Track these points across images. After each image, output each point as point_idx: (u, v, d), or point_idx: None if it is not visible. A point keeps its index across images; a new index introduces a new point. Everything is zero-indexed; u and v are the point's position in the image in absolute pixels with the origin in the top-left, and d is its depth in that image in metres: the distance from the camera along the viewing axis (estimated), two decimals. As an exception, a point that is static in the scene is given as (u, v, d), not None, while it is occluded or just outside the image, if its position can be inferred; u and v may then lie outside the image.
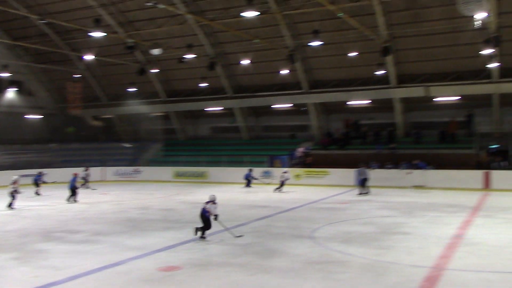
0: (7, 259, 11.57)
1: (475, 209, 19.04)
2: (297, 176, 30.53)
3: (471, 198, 22.54)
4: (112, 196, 25.61)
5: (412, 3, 27.45)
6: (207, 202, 13.65)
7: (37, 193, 25.20)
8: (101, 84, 41.08)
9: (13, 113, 38.92)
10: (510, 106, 30.20)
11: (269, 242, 13.20)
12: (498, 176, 26.52)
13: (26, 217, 17.95)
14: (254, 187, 28.82)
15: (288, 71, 32.73)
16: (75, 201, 22.34)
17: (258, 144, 37.25)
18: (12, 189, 19.94)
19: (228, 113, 38.40)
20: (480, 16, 21.39)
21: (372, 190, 25.09)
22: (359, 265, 10.68)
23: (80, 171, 27.20)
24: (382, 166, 29.05)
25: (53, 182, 26.36)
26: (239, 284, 9.46)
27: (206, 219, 13.47)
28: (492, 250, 11.91)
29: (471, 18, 22.94)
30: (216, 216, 13.51)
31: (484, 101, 30.30)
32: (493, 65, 27.25)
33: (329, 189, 27.52)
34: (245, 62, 32.29)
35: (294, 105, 35.59)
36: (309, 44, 27.90)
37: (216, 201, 13.75)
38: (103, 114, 42.63)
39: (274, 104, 35.93)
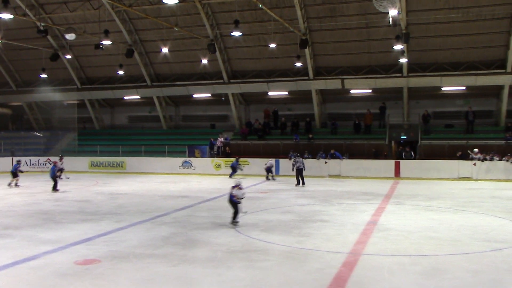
0: None
1: (387, 197, 20.03)
2: (217, 166, 30.58)
3: (384, 187, 23.69)
4: (23, 187, 24.30)
5: (330, -3, 28.25)
6: (233, 187, 14.01)
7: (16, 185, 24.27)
8: (10, 69, 38.69)
9: None
10: (418, 99, 32.05)
11: (191, 232, 13.14)
12: (407, 165, 28.08)
13: None
14: (174, 178, 28.49)
15: (208, 60, 32.59)
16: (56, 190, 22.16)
17: (178, 134, 36.85)
18: None
19: (146, 102, 37.63)
20: (392, 13, 22.40)
21: (290, 179, 25.64)
22: (280, 252, 10.90)
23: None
24: (301, 155, 29.76)
25: None
26: (161, 276, 9.34)
27: (234, 203, 13.85)
28: (403, 235, 12.60)
29: (384, 14, 24.04)
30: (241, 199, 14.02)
31: (395, 94, 31.93)
32: (403, 60, 28.70)
33: (249, 178, 27.82)
34: (165, 50, 31.74)
35: (214, 95, 35.53)
36: (229, 34, 27.91)
37: (242, 186, 14.20)
38: (12, 101, 40.20)
39: (194, 93, 35.66)
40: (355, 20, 28.67)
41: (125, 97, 37.73)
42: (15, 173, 24.25)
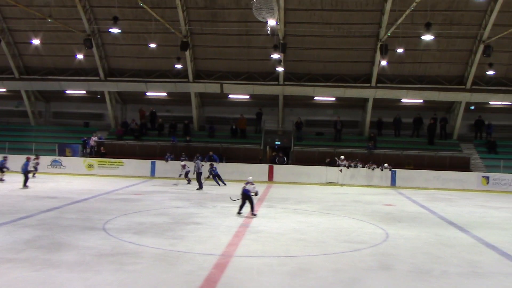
0: None
1: (260, 200, 20.68)
2: (90, 166, 29.39)
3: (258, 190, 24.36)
4: None
5: (212, 2, 28.54)
6: (247, 183, 16.35)
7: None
8: None
9: None
10: (292, 107, 33.57)
11: (58, 235, 12.51)
12: (279, 170, 29.25)
13: None
14: (43, 177, 26.84)
15: (84, 56, 31.24)
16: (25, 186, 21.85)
17: (48, 131, 34.77)
18: None
19: (13, 96, 35.05)
20: (271, 23, 23.23)
21: (166, 181, 25.43)
22: (152, 255, 10.80)
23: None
24: (177, 158, 29.67)
25: None
26: (23, 281, 8.80)
27: (248, 197, 16.15)
28: (273, 237, 13.13)
29: (263, 23, 24.84)
30: (256, 193, 16.54)
31: (271, 101, 33.12)
32: (279, 69, 29.88)
33: (123, 180, 27.12)
34: (36, 42, 29.82)
35: (89, 92, 34.10)
36: (107, 30, 27.02)
37: (253, 183, 16.64)
38: None
39: (67, 89, 33.92)
40: (235, 27, 29.29)
41: (-12, 89, 34.83)
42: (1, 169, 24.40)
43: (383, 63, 29.16)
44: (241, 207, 16.45)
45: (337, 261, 10.86)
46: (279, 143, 32.72)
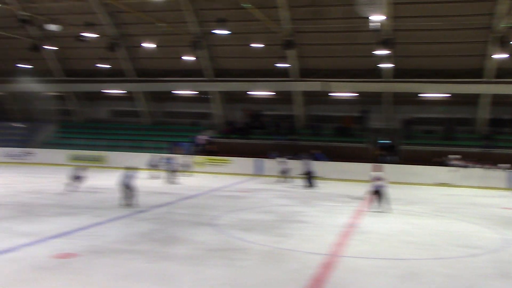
0: None
1: (367, 200, 20.18)
2: (199, 163, 30.48)
3: (364, 190, 23.79)
4: (1, 178, 23.93)
5: (315, 0, 28.33)
6: (375, 179, 17.23)
7: None
8: (-11, 58, 38.08)
9: None
10: (400, 105, 32.36)
11: (170, 229, 13.10)
12: (387, 169, 28.27)
13: None
14: (156, 174, 28.26)
15: (192, 58, 32.48)
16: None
17: (160, 130, 36.64)
18: None
19: (129, 97, 37.32)
20: (376, 18, 22.60)
21: (272, 179, 25.73)
22: (259, 252, 10.94)
23: None
24: (281, 156, 29.84)
25: None
26: (138, 272, 9.30)
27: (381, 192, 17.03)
28: (382, 238, 12.75)
29: (368, 19, 24.23)
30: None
31: (377, 98, 32.20)
32: (385, 65, 28.95)
33: (231, 177, 27.82)
34: (149, 45, 31.52)
35: (198, 92, 35.41)
36: (214, 32, 27.85)
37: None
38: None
39: (177, 90, 35.50)
40: (339, 24, 28.83)
41: (107, 91, 37.38)
42: None
43: (501, 56, 27.11)
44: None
45: (451, 266, 10.28)
46: (385, 141, 31.73)
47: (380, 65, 29.23)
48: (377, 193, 17.05)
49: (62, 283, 8.57)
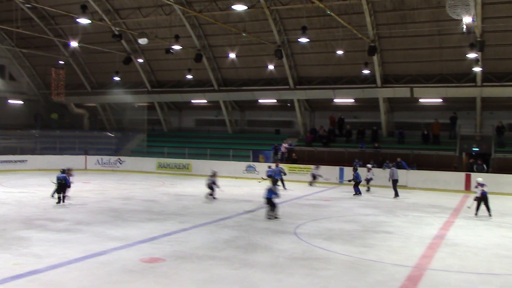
0: (-13, 246, 11.40)
1: (456, 211, 19.27)
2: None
3: (453, 200, 22.79)
4: (94, 185, 25.36)
5: (400, 4, 27.59)
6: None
7: None
8: (85, 71, 40.55)
9: (-5, 97, 38.36)
10: (492, 110, 30.66)
11: (253, 236, 13.21)
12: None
13: (6, 203, 17.67)
14: (238, 181, 28.74)
15: (275, 66, 32.73)
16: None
17: (243, 138, 37.21)
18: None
19: (213, 106, 38.26)
20: (466, 20, 21.57)
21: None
22: (342, 262, 10.75)
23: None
24: (365, 164, 29.25)
25: None
26: (222, 278, 9.45)
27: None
28: (473, 251, 12.08)
29: (457, 21, 23.17)
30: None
31: (467, 104, 30.71)
32: (477, 69, 27.56)
33: (313, 185, 27.60)
34: (232, 55, 32.19)
35: (280, 101, 35.62)
36: (296, 40, 27.90)
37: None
38: (87, 102, 42.12)
39: (259, 98, 35.91)
40: (426, 27, 27.85)
41: (192, 101, 38.59)
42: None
43: None
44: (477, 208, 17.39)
45: (552, 283, 9.53)
46: (477, 149, 30.12)
47: (472, 69, 27.82)
48: (481, 200, 16.92)
49: (149, 286, 8.88)
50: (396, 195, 23.05)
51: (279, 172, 25.38)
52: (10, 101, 39.82)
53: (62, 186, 17.74)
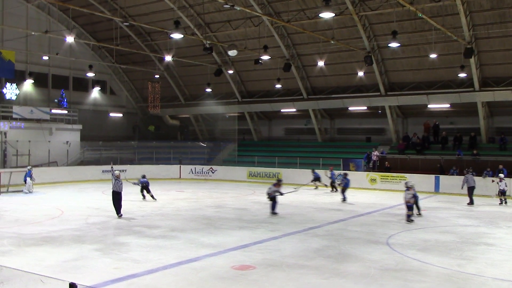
0: (91, 250, 12.15)
1: None
2: (372, 180, 29.89)
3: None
4: (188, 193, 26.26)
5: (498, 2, 26.09)
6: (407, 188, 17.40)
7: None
8: (179, 84, 42.25)
9: (97, 111, 41.00)
10: None
11: (344, 246, 13.00)
12: None
13: (107, 210, 18.76)
14: (328, 190, 28.46)
15: (364, 73, 32.15)
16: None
17: (333, 146, 36.85)
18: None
19: (302, 115, 38.28)
20: None
21: (452, 197, 24.08)
22: (438, 274, 10.27)
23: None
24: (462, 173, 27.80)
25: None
26: (312, 287, 9.38)
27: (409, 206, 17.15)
28: None
29: None
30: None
31: None
32: None
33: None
34: (321, 63, 32.05)
35: (370, 108, 34.90)
36: (386, 45, 27.25)
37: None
38: (180, 113, 43.83)
39: (349, 106, 35.40)
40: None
41: (282, 110, 38.86)
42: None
43: None
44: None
45: None
46: None
47: None
48: None
49: (240, 294, 9.02)
50: (471, 202, 21.83)
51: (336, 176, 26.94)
52: (111, 114, 42.40)
53: (144, 187, 22.89)
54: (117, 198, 17.63)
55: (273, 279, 9.85)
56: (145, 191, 22.88)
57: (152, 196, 22.58)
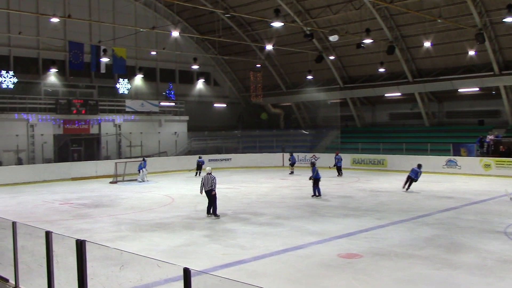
0: (200, 236, 12.64)
1: None
2: (486, 166, 28.08)
3: None
4: (292, 181, 26.38)
5: None
6: None
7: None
8: (280, 72, 42.45)
9: (202, 102, 42.43)
10: None
11: (456, 235, 12.35)
12: None
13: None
14: (438, 177, 27.18)
15: (476, 52, 30.15)
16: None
17: (441, 131, 35.10)
18: None
19: (407, 99, 36.83)
20: None
21: None
22: None
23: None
24: None
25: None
26: (423, 277, 9.02)
27: None
28: None
29: None
30: None
31: None
32: None
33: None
34: (427, 44, 30.53)
35: (483, 89, 32.70)
36: (501, 21, 25.30)
37: None
38: (282, 101, 44.06)
39: (459, 88, 33.43)
40: None
41: (386, 95, 37.65)
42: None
43: None
44: None
45: None
46: None
47: None
48: None
49: (347, 282, 8.90)
50: None
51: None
52: (215, 105, 43.67)
53: (199, 166, 28.92)
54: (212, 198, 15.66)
55: (381, 268, 9.60)
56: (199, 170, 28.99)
57: (199, 174, 28.73)
